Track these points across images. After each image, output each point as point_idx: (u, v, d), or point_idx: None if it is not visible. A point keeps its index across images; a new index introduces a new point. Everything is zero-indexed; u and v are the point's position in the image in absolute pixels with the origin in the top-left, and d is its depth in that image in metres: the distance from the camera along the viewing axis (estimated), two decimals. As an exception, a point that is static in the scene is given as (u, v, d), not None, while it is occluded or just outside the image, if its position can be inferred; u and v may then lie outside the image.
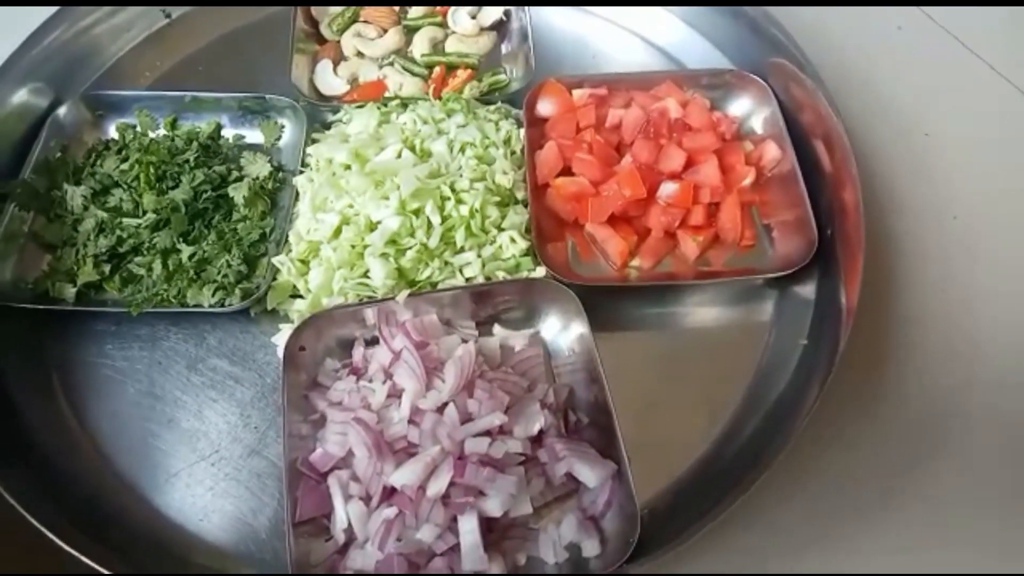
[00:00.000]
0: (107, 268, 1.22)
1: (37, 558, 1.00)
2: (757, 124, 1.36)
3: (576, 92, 1.37)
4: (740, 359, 1.19)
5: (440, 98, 1.34)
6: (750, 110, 1.37)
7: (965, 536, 1.10)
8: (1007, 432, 1.17)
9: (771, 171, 1.31)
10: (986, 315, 1.26)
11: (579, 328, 1.14)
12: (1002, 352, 1.23)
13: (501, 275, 1.19)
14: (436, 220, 1.17)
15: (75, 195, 1.27)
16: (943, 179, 1.41)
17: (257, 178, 1.30)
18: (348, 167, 1.24)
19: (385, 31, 1.52)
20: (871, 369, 1.21)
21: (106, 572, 0.94)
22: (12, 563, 1.04)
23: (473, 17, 1.52)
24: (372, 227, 1.18)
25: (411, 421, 1.03)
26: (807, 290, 1.23)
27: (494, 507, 0.96)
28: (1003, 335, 1.24)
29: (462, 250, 1.19)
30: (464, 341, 1.12)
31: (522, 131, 1.31)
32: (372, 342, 1.15)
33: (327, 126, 1.37)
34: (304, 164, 1.30)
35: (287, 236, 1.23)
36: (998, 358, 1.22)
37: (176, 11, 1.53)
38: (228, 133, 1.39)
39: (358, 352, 1.14)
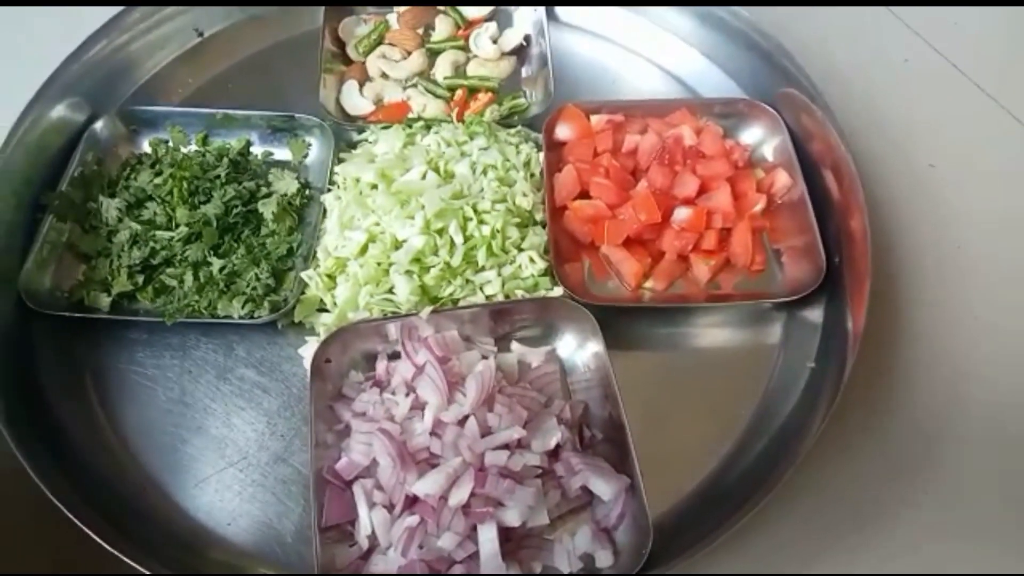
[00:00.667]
0: (140, 278, 1.26)
1: (73, 555, 1.05)
2: (768, 152, 1.41)
3: (594, 118, 1.41)
4: (749, 380, 1.23)
5: (463, 121, 1.39)
6: (762, 138, 1.42)
7: (965, 552, 1.15)
8: (1004, 451, 1.21)
9: (781, 198, 1.35)
10: (986, 340, 1.31)
11: (594, 346, 1.18)
12: (1000, 375, 1.28)
13: (520, 294, 1.23)
14: (459, 239, 1.22)
15: (110, 207, 1.32)
16: (948, 209, 1.46)
17: (285, 194, 1.35)
18: (375, 187, 1.28)
19: (409, 54, 1.57)
20: (877, 391, 1.25)
21: (141, 571, 0.98)
22: (50, 559, 1.09)
23: (494, 41, 1.57)
24: (397, 245, 1.23)
25: (433, 433, 1.07)
26: (815, 314, 1.27)
27: (512, 517, 1.00)
28: (1001, 360, 1.29)
29: (483, 269, 1.23)
30: (484, 357, 1.17)
31: (541, 154, 1.36)
32: (395, 356, 1.19)
33: (352, 145, 1.42)
34: (332, 182, 1.35)
35: (315, 251, 1.28)
36: (997, 381, 1.27)
37: (208, 30, 1.58)
38: (257, 150, 1.44)
39: (381, 365, 1.18)
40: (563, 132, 1.41)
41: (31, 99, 1.33)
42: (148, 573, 0.98)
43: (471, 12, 1.61)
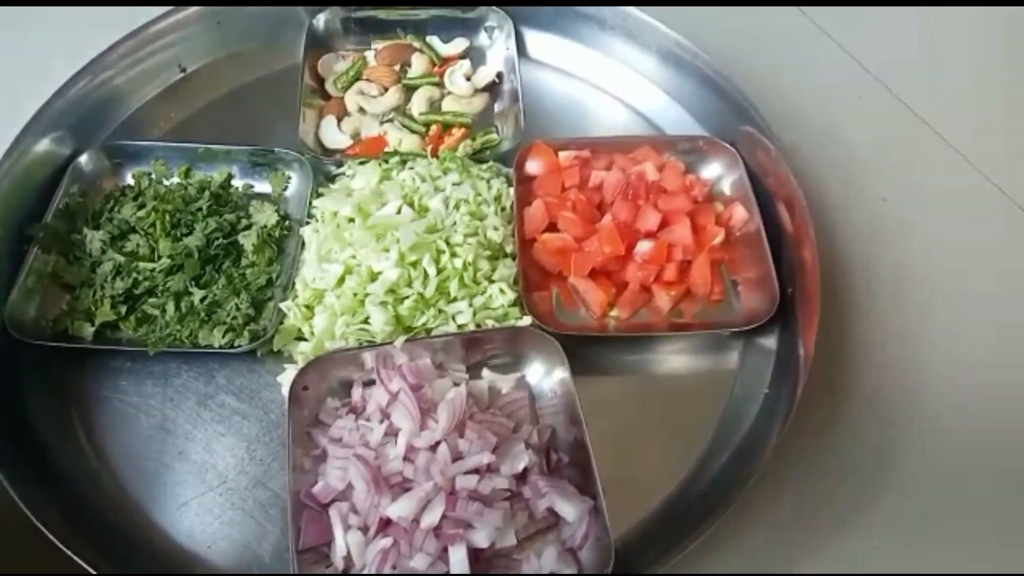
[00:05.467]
0: (123, 308, 1.30)
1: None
2: (726, 187, 1.48)
3: (562, 154, 1.48)
4: (708, 404, 1.29)
5: (437, 156, 1.45)
6: (720, 174, 1.49)
7: (919, 554, 1.22)
8: (944, 456, 1.30)
9: (739, 231, 1.42)
10: (930, 363, 1.39)
11: (561, 373, 1.23)
12: (943, 392, 1.36)
13: (490, 323, 1.29)
14: (432, 272, 1.27)
15: (94, 239, 1.36)
16: (899, 240, 1.53)
17: (265, 226, 1.40)
18: (352, 220, 1.34)
19: (386, 89, 1.63)
20: (828, 410, 1.32)
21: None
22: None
23: (468, 78, 1.64)
24: (373, 277, 1.28)
25: (406, 458, 1.12)
26: (770, 341, 1.34)
27: (482, 539, 1.05)
28: (941, 374, 1.38)
29: (455, 300, 1.29)
30: (455, 384, 1.22)
31: (512, 189, 1.42)
32: (370, 383, 1.24)
33: (331, 178, 1.48)
34: (310, 215, 1.40)
35: (293, 282, 1.32)
36: (939, 395, 1.35)
37: (190, 66, 1.63)
38: (238, 183, 1.49)
39: (357, 392, 1.23)
40: (533, 167, 1.47)
41: (18, 134, 1.37)
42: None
43: (446, 49, 1.68)
